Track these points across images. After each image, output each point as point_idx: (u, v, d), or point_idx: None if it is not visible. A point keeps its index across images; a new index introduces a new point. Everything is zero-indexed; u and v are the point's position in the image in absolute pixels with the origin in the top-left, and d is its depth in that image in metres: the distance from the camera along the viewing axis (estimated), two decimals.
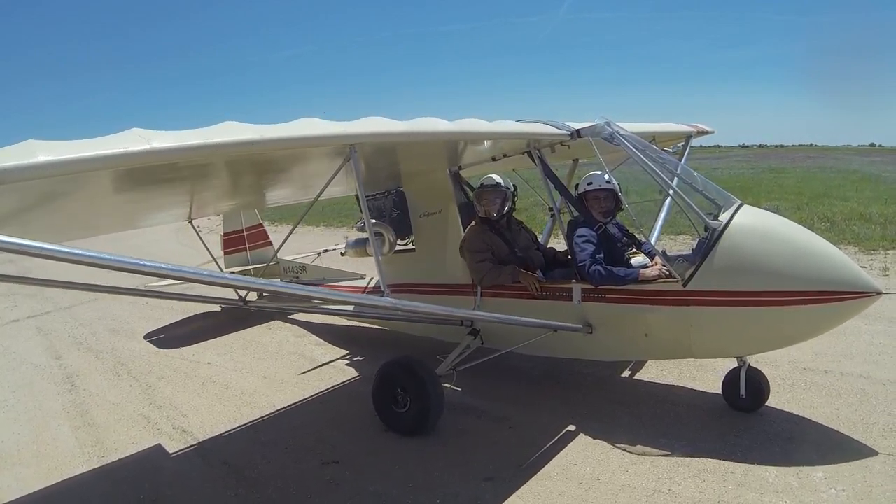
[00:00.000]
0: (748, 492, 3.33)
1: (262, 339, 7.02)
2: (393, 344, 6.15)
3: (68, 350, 6.98)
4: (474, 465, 3.83)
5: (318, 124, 3.16)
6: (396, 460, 3.95)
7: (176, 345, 6.97)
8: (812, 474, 3.42)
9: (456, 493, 3.55)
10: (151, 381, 5.75)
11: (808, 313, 3.60)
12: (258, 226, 8.48)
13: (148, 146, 2.41)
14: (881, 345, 5.39)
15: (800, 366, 4.92)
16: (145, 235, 13.69)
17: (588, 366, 5.10)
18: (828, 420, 4.06)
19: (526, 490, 3.52)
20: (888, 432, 3.86)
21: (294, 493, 3.67)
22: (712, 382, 4.63)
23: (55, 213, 3.40)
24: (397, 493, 3.59)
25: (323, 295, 4.33)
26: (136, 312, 8.59)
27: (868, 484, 3.30)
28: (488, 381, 5.01)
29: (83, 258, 2.32)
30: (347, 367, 5.98)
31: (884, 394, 4.43)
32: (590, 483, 3.55)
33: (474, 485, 3.62)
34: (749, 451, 3.72)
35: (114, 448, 4.45)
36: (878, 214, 12.37)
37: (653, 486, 3.46)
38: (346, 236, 8.13)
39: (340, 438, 4.35)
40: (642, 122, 5.89)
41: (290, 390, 5.38)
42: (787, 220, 4.08)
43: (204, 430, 4.62)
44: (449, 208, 5.09)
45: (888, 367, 4.92)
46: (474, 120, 4.09)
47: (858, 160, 41.07)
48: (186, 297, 6.45)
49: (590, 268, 4.19)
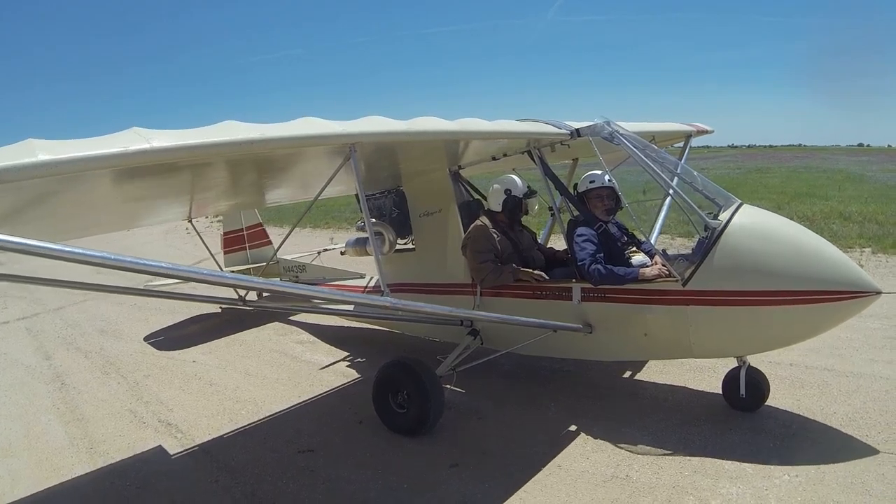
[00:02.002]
0: (704, 478, 3.44)
1: (245, 338, 7.12)
2: (386, 344, 6.18)
3: (58, 350, 7.08)
4: (441, 453, 3.98)
5: (318, 124, 3.16)
6: (369, 448, 4.15)
7: (175, 346, 6.98)
8: (768, 461, 3.55)
9: (422, 478, 3.71)
10: (138, 379, 5.89)
11: (807, 313, 3.60)
12: (258, 225, 8.48)
13: (147, 145, 2.41)
14: (847, 339, 5.51)
15: (766, 359, 4.91)
16: (135, 237, 13.79)
17: (559, 361, 5.22)
18: (790, 408, 4.23)
19: (489, 475, 3.70)
20: (847, 422, 4.00)
21: (270, 479, 3.84)
22: (679, 375, 4.90)
23: (55, 213, 3.40)
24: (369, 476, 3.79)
25: (323, 294, 4.32)
26: (124, 313, 8.65)
27: (821, 471, 3.41)
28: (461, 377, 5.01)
29: (83, 257, 2.31)
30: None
31: (846, 385, 4.60)
32: (551, 469, 3.71)
33: (441, 471, 3.78)
34: (708, 439, 3.86)
35: (101, 440, 4.57)
36: (857, 213, 12.55)
37: (611, 472, 3.63)
38: (331, 238, 8.16)
39: (317, 429, 4.52)
40: (642, 122, 5.89)
41: (272, 387, 5.51)
42: (787, 220, 4.08)
43: (188, 423, 4.76)
44: (449, 208, 5.08)
45: (852, 360, 5.08)
46: (474, 119, 4.09)
47: (846, 160, 41.92)
48: (186, 296, 6.45)
49: (590, 267, 4.18)
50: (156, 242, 15.57)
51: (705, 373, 4.91)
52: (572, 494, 3.45)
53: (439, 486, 3.63)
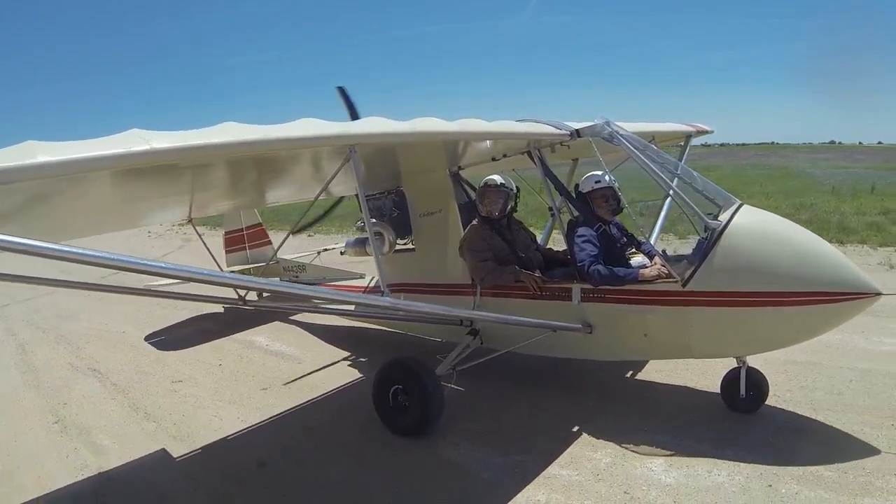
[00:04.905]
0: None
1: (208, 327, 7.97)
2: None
3: (22, 329, 8.55)
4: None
5: (318, 124, 3.16)
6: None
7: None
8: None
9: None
10: (80, 345, 7.48)
11: (807, 314, 3.60)
12: (258, 225, 8.47)
13: (148, 146, 2.41)
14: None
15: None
16: (123, 233, 14.02)
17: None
18: (711, 388, 4.50)
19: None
20: (791, 402, 4.31)
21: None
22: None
23: (55, 213, 3.40)
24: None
25: (322, 294, 4.32)
26: (82, 303, 9.55)
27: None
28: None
29: (83, 257, 2.32)
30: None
31: (804, 372, 4.87)
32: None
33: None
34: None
35: (45, 381, 6.19)
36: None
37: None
38: (315, 250, 8.40)
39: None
40: (641, 122, 5.88)
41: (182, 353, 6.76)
42: (786, 221, 4.08)
43: (108, 370, 6.38)
44: (449, 208, 5.08)
45: (806, 350, 4.97)
46: (474, 120, 4.09)
47: (805, 157, 43.21)
48: (186, 296, 6.45)
49: (590, 267, 4.18)
50: (119, 248, 15.79)
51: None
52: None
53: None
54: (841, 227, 11.54)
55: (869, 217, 12.68)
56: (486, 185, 4.76)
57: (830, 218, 12.66)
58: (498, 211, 4.72)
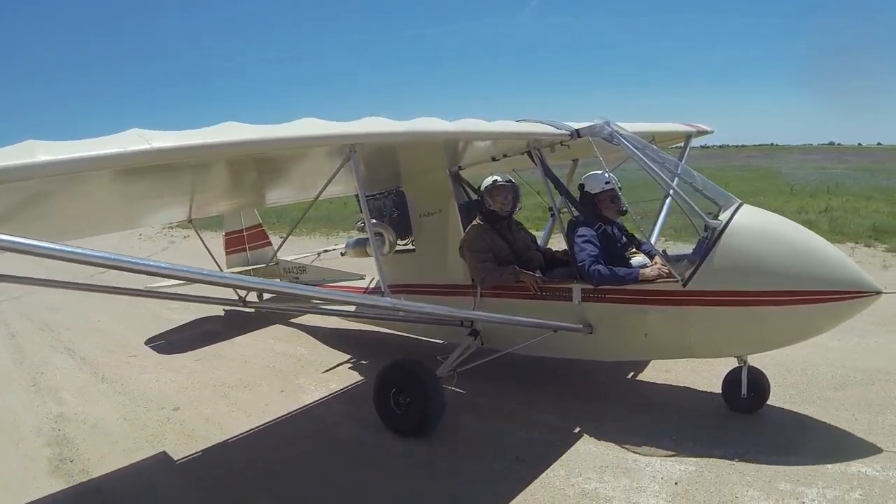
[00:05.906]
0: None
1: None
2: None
3: (13, 320, 9.55)
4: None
5: (318, 124, 3.16)
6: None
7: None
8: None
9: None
10: (61, 331, 8.48)
11: (807, 313, 3.60)
12: (258, 226, 8.47)
13: (148, 146, 2.41)
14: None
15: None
16: (112, 235, 14.37)
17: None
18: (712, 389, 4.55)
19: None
20: (792, 401, 4.32)
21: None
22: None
23: (56, 213, 3.40)
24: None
25: (323, 295, 4.32)
26: (69, 298, 10.07)
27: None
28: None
29: (83, 257, 2.31)
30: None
31: (804, 371, 4.90)
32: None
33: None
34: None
35: (29, 359, 7.19)
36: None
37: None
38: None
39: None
40: (641, 122, 5.89)
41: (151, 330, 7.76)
42: (786, 220, 4.08)
43: (80, 349, 7.37)
44: (449, 208, 5.08)
45: (807, 350, 4.95)
46: (474, 120, 4.09)
47: (794, 158, 43.61)
48: (186, 297, 6.46)
49: (590, 267, 4.18)
50: (127, 237, 16.10)
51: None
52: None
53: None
54: None
55: (805, 216, 13.01)
56: (496, 184, 4.76)
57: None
58: (510, 206, 4.77)
